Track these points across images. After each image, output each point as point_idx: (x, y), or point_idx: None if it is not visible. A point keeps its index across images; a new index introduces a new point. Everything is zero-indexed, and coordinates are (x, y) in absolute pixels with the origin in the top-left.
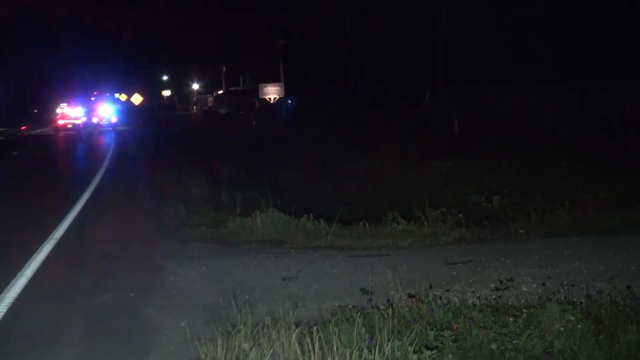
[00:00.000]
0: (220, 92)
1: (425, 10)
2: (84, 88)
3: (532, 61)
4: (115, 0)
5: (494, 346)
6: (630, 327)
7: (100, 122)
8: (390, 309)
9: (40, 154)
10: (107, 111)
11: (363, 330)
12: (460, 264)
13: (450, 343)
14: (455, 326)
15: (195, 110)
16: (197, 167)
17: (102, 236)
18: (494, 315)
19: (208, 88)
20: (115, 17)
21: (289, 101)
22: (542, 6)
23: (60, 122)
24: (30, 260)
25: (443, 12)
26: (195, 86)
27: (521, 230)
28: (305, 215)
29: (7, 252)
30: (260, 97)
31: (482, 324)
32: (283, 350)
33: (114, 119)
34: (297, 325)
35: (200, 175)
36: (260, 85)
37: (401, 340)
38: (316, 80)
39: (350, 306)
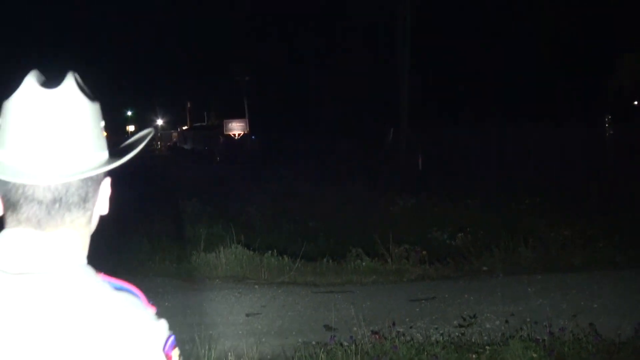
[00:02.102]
0: (184, 127)
1: (389, 52)
2: None
3: (495, 102)
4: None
5: None
6: None
7: None
8: (354, 346)
9: None
10: None
11: None
12: (423, 301)
13: None
14: None
15: (159, 146)
16: (161, 202)
17: None
18: (457, 352)
19: (172, 124)
20: (79, 50)
21: (253, 137)
22: (501, 48)
23: None
24: None
25: (406, 54)
26: (160, 122)
27: (484, 268)
28: (269, 251)
29: None
30: (225, 133)
31: None
32: None
33: None
34: None
35: (164, 210)
36: (224, 121)
37: None
38: (279, 116)
39: (313, 342)
